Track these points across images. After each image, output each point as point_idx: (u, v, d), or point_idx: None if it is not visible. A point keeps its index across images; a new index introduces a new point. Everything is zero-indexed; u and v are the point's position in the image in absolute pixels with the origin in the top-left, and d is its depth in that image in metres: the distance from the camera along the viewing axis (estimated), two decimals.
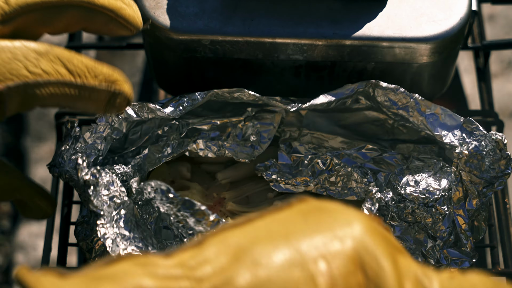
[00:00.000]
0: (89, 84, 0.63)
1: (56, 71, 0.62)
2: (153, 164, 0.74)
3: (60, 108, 0.66)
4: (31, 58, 0.62)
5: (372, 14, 0.73)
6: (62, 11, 0.65)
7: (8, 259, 1.47)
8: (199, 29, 0.73)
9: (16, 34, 0.64)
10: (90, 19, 0.66)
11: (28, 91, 0.61)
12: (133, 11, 0.68)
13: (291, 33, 0.73)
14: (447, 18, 0.73)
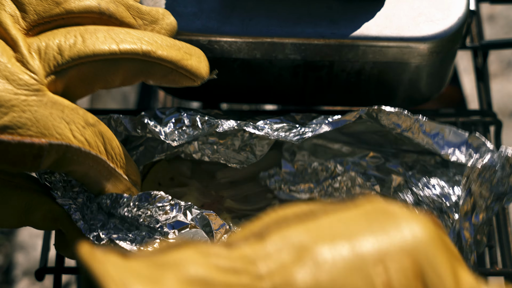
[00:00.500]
0: (118, 171, 0.64)
1: (97, 146, 0.62)
2: (148, 159, 0.74)
3: (83, 182, 0.65)
4: (78, 125, 0.61)
5: (370, 14, 0.73)
6: (116, 65, 0.64)
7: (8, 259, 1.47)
8: (197, 29, 0.73)
9: (70, 88, 0.63)
10: (148, 72, 0.65)
11: (67, 154, 0.61)
12: (198, 61, 0.66)
13: (289, 32, 0.73)
14: (445, 18, 0.73)
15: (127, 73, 0.64)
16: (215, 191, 0.76)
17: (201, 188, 0.76)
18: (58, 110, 0.61)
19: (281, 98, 0.81)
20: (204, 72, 0.67)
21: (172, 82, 0.66)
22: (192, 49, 0.67)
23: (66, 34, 0.62)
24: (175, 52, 0.65)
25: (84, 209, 0.67)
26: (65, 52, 0.62)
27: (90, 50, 0.62)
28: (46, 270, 0.74)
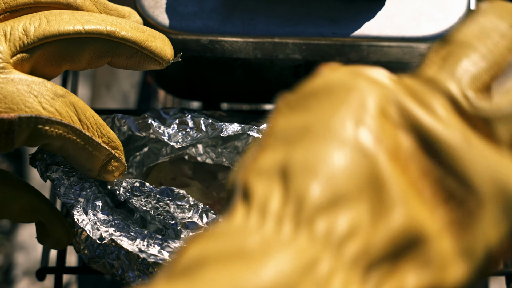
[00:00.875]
0: (95, 140, 0.64)
1: (69, 116, 0.62)
2: (151, 161, 0.74)
3: (62, 155, 0.65)
4: (47, 97, 0.62)
5: (371, 14, 0.73)
6: (82, 44, 0.64)
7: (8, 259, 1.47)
8: (198, 29, 0.73)
9: (37, 69, 0.64)
10: (113, 52, 0.66)
11: (38, 125, 0.61)
12: (163, 43, 0.67)
13: (290, 32, 0.73)
14: (446, 18, 0.73)
15: (93, 53, 0.65)
16: (216, 192, 0.76)
17: (202, 189, 0.76)
18: (24, 85, 0.61)
19: None
20: (169, 54, 0.68)
21: (137, 63, 0.67)
22: (156, 32, 0.68)
23: (31, 17, 0.64)
24: (139, 34, 0.66)
25: (87, 207, 0.67)
26: (31, 33, 0.63)
27: (55, 29, 0.63)
28: (47, 270, 0.74)
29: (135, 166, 0.74)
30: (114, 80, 1.37)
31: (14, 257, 1.47)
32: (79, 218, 0.66)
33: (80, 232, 0.68)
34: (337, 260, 0.41)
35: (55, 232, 0.68)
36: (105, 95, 1.37)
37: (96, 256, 0.68)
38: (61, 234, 0.69)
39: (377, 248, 0.41)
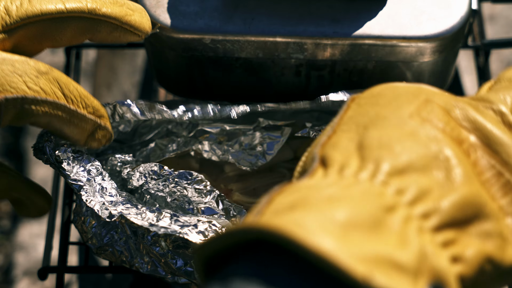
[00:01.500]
0: (80, 112, 0.65)
1: (53, 92, 0.63)
2: (157, 157, 0.74)
3: (48, 130, 0.67)
4: (31, 75, 0.62)
5: (372, 13, 0.73)
6: (64, 23, 0.65)
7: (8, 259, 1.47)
8: (199, 28, 0.73)
9: (19, 47, 0.65)
10: (94, 29, 0.67)
11: (25, 105, 0.62)
12: (141, 16, 0.68)
13: (292, 32, 0.73)
14: (447, 17, 0.73)
15: (74, 31, 0.66)
16: (224, 184, 0.76)
17: (210, 181, 0.76)
18: (8, 65, 0.62)
19: (283, 97, 0.81)
20: (147, 27, 0.69)
21: (118, 38, 0.68)
22: (133, 4, 0.68)
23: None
24: (119, 9, 0.67)
25: (95, 188, 0.67)
26: (13, 13, 0.63)
27: (38, 9, 0.64)
28: (49, 269, 0.74)
29: (141, 161, 0.74)
30: (115, 80, 1.37)
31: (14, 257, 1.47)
32: (87, 199, 0.67)
33: (87, 220, 0.69)
34: (410, 212, 0.48)
35: (34, 204, 0.70)
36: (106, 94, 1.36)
37: (105, 245, 0.68)
38: (41, 202, 0.70)
39: (445, 211, 0.48)
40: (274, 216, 0.45)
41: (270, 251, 0.45)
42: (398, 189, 0.48)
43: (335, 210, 0.45)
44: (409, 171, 0.49)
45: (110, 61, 1.37)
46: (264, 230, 0.44)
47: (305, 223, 0.44)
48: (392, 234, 0.46)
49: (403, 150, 0.50)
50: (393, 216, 0.47)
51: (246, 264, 0.45)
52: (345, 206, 0.46)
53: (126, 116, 0.72)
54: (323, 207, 0.46)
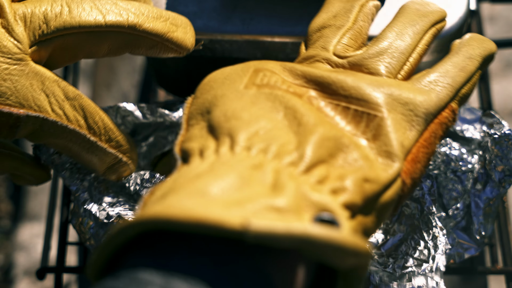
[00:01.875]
0: (100, 145, 0.64)
1: (76, 120, 0.62)
2: (159, 148, 0.74)
3: (65, 153, 0.66)
4: (58, 98, 0.61)
5: None
6: (102, 37, 0.63)
7: (8, 259, 1.47)
8: (198, 28, 0.73)
9: (53, 57, 0.63)
10: (133, 45, 0.65)
11: (43, 127, 0.61)
12: (184, 32, 0.66)
13: (290, 32, 0.73)
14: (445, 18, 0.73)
15: (112, 45, 0.64)
16: None
17: None
18: (39, 82, 0.61)
19: None
20: (190, 44, 0.67)
21: (157, 54, 0.66)
22: (178, 19, 0.66)
23: (53, 3, 0.62)
24: (161, 25, 0.65)
25: (92, 190, 0.67)
26: (51, 22, 0.61)
27: (76, 21, 0.62)
28: (47, 269, 0.74)
29: (141, 157, 0.74)
30: (114, 80, 1.37)
31: (14, 257, 1.47)
32: (85, 200, 0.67)
33: (85, 221, 0.69)
34: (277, 165, 0.50)
35: (34, 176, 0.70)
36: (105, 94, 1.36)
37: None
38: (38, 173, 0.70)
39: (308, 154, 0.51)
40: (152, 205, 0.46)
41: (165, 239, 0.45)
42: (259, 149, 0.51)
43: (203, 183, 0.47)
44: (263, 132, 0.52)
45: (110, 61, 1.37)
46: (144, 222, 0.44)
47: (177, 202, 0.45)
48: (264, 185, 0.47)
49: (251, 115, 0.53)
50: (261, 171, 0.49)
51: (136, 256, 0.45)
52: (211, 177, 0.47)
53: (128, 119, 0.71)
54: (191, 185, 0.47)
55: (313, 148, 0.52)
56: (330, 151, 0.53)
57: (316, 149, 0.52)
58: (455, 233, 0.70)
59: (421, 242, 0.66)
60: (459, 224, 0.70)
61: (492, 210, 0.71)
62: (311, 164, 0.51)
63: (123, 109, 0.71)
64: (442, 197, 0.71)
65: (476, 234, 0.70)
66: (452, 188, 0.71)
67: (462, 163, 0.71)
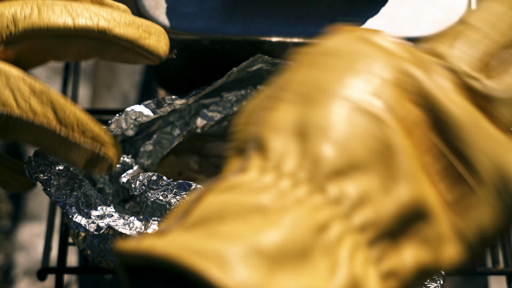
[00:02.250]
0: (73, 139, 0.62)
1: (44, 115, 0.61)
2: (165, 147, 0.74)
3: (40, 149, 0.65)
4: (24, 92, 0.60)
5: (371, 13, 0.73)
6: (70, 40, 0.63)
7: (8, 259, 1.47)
8: (198, 29, 0.73)
9: (21, 58, 0.63)
10: (103, 50, 0.64)
11: (8, 122, 0.60)
12: (157, 40, 0.65)
13: (291, 32, 0.73)
14: (446, 18, 0.73)
15: (81, 49, 0.63)
16: None
17: (209, 182, 0.76)
18: (3, 77, 0.60)
19: None
20: (162, 52, 0.65)
21: (129, 60, 0.65)
22: (151, 27, 0.65)
23: (23, 5, 0.61)
24: (133, 31, 0.64)
25: (79, 205, 0.67)
26: (19, 23, 0.61)
27: (45, 23, 0.61)
28: (48, 270, 0.74)
29: (146, 156, 0.74)
30: (115, 80, 1.37)
31: (14, 257, 1.47)
32: (73, 214, 0.66)
33: (77, 232, 0.68)
34: (347, 226, 0.41)
35: (19, 182, 0.69)
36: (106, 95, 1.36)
37: (99, 255, 0.68)
38: (25, 180, 0.69)
39: (385, 220, 0.42)
40: (197, 225, 0.41)
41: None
42: (335, 196, 0.42)
43: (264, 235, 0.40)
44: (349, 170, 0.43)
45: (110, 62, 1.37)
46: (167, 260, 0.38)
47: (224, 256, 0.38)
48: (321, 262, 0.40)
49: (344, 140, 0.43)
50: (325, 236, 0.41)
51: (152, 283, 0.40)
52: (277, 230, 0.40)
53: (139, 120, 0.71)
54: (252, 226, 0.40)
55: (391, 215, 0.42)
56: (405, 222, 0.43)
57: (393, 218, 0.42)
58: None
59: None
60: None
61: None
62: (380, 235, 0.42)
63: (131, 112, 0.70)
64: None
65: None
66: None
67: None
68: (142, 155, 0.74)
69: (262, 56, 0.71)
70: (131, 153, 0.74)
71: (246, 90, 0.74)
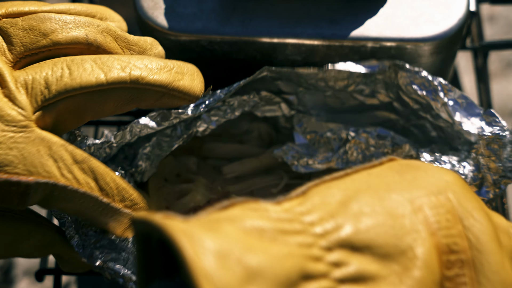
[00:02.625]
0: (114, 206, 0.63)
1: (86, 183, 0.61)
2: (164, 150, 0.74)
3: (81, 220, 0.65)
4: (67, 162, 0.60)
5: (370, 14, 0.73)
6: (105, 95, 0.62)
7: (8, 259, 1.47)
8: (197, 30, 0.73)
9: (59, 121, 0.62)
10: (139, 98, 0.63)
11: (54, 192, 0.60)
12: (191, 79, 0.65)
13: (290, 33, 0.73)
14: (445, 19, 0.73)
15: (117, 102, 0.63)
16: (221, 186, 0.76)
17: (207, 183, 0.76)
18: (45, 147, 0.60)
19: None
20: (198, 90, 0.65)
21: (166, 104, 0.65)
22: (184, 67, 0.65)
23: (53, 67, 0.61)
24: (166, 75, 0.63)
25: (78, 226, 0.66)
26: (52, 86, 0.60)
27: (77, 83, 0.61)
28: (46, 271, 0.74)
29: (145, 158, 0.74)
30: None
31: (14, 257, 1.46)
32: (71, 233, 0.66)
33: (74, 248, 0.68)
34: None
35: (74, 259, 0.68)
36: None
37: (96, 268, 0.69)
38: (80, 260, 0.67)
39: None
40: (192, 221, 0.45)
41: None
42: (336, 261, 0.45)
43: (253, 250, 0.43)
44: (362, 249, 0.46)
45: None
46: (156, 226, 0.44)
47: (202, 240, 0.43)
48: None
49: (374, 226, 0.47)
50: (307, 285, 0.44)
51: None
52: (265, 253, 0.43)
53: (144, 132, 0.71)
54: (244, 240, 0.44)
55: None
56: None
57: None
58: None
59: None
60: None
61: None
62: None
63: (136, 124, 0.70)
64: None
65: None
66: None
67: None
68: (140, 156, 0.74)
69: (269, 68, 0.71)
70: (130, 154, 0.74)
71: (249, 95, 0.74)
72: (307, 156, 0.75)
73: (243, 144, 0.78)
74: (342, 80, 0.72)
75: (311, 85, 0.74)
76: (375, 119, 0.75)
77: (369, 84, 0.73)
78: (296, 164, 0.75)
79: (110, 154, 0.71)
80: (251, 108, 0.74)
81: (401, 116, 0.74)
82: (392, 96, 0.74)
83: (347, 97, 0.74)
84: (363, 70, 0.72)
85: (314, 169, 0.75)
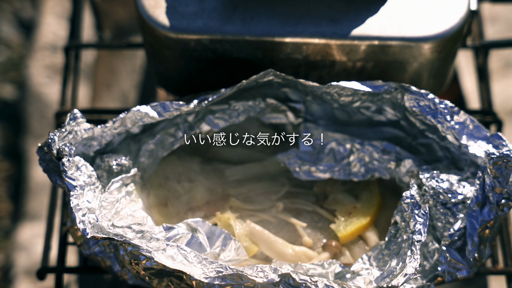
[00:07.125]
0: None
1: None
2: (166, 148, 0.74)
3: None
4: None
5: (371, 13, 0.73)
6: None
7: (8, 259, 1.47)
8: (198, 28, 0.73)
9: None
10: None
11: None
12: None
13: (291, 32, 0.73)
14: (446, 18, 0.73)
15: None
16: (222, 189, 0.76)
17: (208, 185, 0.76)
18: None
19: None
20: None
21: None
22: None
23: None
24: None
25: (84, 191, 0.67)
26: None
27: None
28: (48, 269, 0.74)
29: (147, 155, 0.74)
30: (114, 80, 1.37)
31: (14, 257, 1.47)
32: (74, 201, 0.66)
33: (76, 229, 0.69)
34: None
35: None
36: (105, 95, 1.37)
37: (93, 253, 0.69)
38: None
39: None
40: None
41: None
42: None
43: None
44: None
45: (110, 62, 1.37)
46: None
47: None
48: None
49: None
50: None
51: None
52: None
53: (144, 120, 0.71)
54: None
55: None
56: None
57: None
58: (448, 252, 0.70)
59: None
60: (454, 243, 0.70)
61: (491, 234, 0.71)
62: None
63: (137, 112, 0.70)
64: (436, 229, 0.71)
65: (470, 256, 0.70)
66: (445, 220, 0.71)
67: (452, 195, 0.71)
68: (143, 153, 0.74)
69: (274, 71, 0.71)
70: (134, 150, 0.74)
71: (255, 101, 0.74)
72: (309, 163, 0.75)
73: (249, 149, 0.78)
74: (346, 96, 0.72)
75: (317, 96, 0.74)
76: (382, 135, 0.75)
77: (375, 102, 0.73)
78: (298, 171, 0.75)
79: (112, 143, 0.72)
80: (256, 114, 0.75)
81: (408, 134, 0.75)
82: (399, 116, 0.74)
83: (354, 112, 0.75)
84: (368, 89, 0.71)
85: (316, 177, 0.75)
